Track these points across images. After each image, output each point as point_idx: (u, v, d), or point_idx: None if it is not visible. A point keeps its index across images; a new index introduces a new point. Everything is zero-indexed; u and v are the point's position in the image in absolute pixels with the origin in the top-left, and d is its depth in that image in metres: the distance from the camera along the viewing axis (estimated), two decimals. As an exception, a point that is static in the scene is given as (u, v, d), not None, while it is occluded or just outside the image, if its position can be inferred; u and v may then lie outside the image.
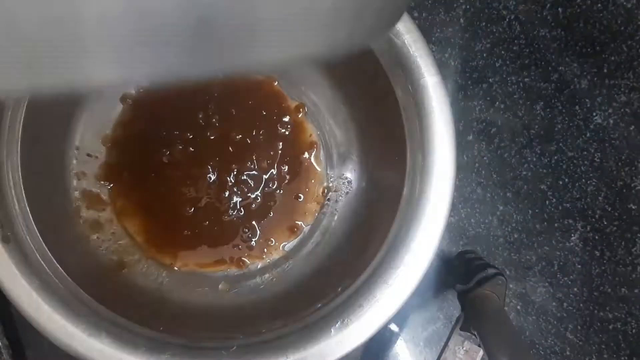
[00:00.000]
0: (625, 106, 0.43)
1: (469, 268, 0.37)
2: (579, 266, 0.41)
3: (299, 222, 0.37)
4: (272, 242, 0.37)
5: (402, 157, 0.31)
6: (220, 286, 0.36)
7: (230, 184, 0.36)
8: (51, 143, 0.34)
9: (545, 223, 0.42)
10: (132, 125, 0.37)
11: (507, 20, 0.43)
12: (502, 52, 0.43)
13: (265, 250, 0.37)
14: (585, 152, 0.42)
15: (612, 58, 0.43)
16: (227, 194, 0.36)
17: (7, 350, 0.35)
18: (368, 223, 0.35)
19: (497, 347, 0.31)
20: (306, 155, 0.38)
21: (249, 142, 0.37)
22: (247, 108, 0.38)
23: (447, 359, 0.35)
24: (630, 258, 0.42)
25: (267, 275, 0.36)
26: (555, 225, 0.42)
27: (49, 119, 0.33)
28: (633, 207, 0.42)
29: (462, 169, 0.42)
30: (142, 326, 0.27)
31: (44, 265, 0.27)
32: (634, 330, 0.41)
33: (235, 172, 0.36)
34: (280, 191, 0.37)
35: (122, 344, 0.25)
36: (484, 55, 0.43)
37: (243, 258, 0.36)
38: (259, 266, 0.37)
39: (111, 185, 0.36)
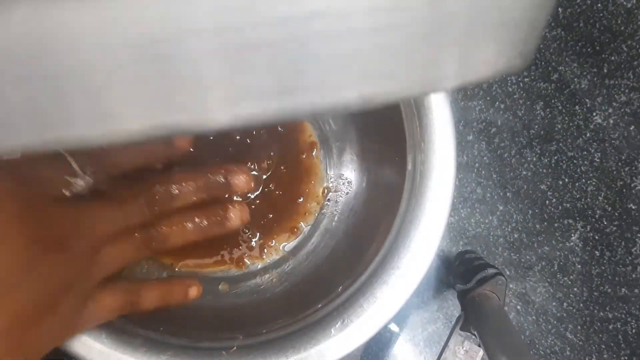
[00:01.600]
0: (625, 106, 0.43)
1: (469, 268, 0.37)
2: (579, 266, 0.41)
3: (299, 223, 0.37)
4: (272, 242, 0.37)
5: (402, 157, 0.31)
6: (220, 286, 0.36)
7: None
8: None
9: (545, 223, 0.42)
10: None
11: (507, 20, 0.43)
12: (502, 52, 0.43)
13: (266, 250, 0.37)
14: (585, 152, 0.42)
15: (612, 58, 0.43)
16: (227, 194, 0.36)
17: (7, 351, 0.35)
18: (368, 223, 0.35)
19: (497, 347, 0.31)
20: (306, 155, 0.38)
21: (249, 142, 0.37)
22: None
23: (447, 359, 0.35)
24: (630, 258, 0.42)
25: (267, 276, 0.36)
26: (555, 225, 0.42)
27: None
28: (633, 207, 0.42)
29: (462, 169, 0.42)
30: (142, 326, 0.27)
31: (44, 265, 0.27)
32: (634, 330, 0.41)
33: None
34: (280, 192, 0.37)
35: (122, 344, 0.25)
36: (484, 55, 0.43)
37: (243, 258, 0.36)
38: (259, 266, 0.37)
39: (111, 185, 0.36)
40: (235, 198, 0.36)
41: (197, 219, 0.26)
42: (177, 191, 0.24)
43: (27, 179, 0.20)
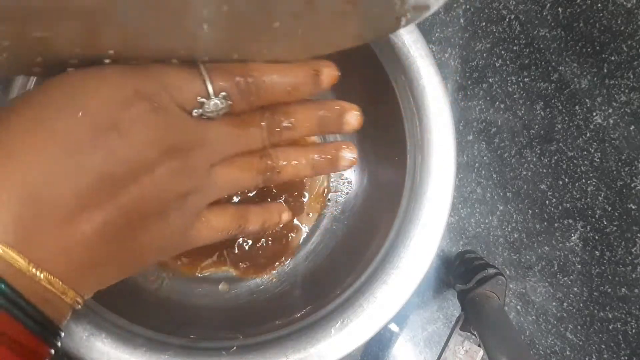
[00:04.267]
0: (625, 106, 0.43)
1: (469, 268, 0.37)
2: (579, 266, 0.41)
3: (299, 223, 0.37)
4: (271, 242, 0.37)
5: (402, 157, 0.31)
6: (220, 286, 0.36)
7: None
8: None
9: (545, 223, 0.42)
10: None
11: (507, 20, 0.43)
12: (502, 52, 0.43)
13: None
14: (585, 152, 0.42)
15: (612, 58, 0.43)
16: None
17: (7, 351, 0.35)
18: (368, 223, 0.35)
19: (497, 347, 0.31)
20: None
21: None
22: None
23: (447, 359, 0.35)
24: (630, 258, 0.42)
25: (266, 276, 0.36)
26: (555, 225, 0.42)
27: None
28: (633, 207, 0.42)
29: (462, 169, 0.42)
30: (142, 326, 0.27)
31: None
32: (634, 330, 0.41)
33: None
34: (280, 192, 0.37)
35: (122, 344, 0.25)
36: (484, 55, 0.43)
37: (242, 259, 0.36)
38: (259, 266, 0.37)
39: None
40: (235, 199, 0.36)
41: (310, 155, 0.25)
42: (296, 121, 0.23)
43: (156, 83, 0.19)
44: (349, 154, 0.25)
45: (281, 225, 0.27)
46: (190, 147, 0.20)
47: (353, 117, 0.25)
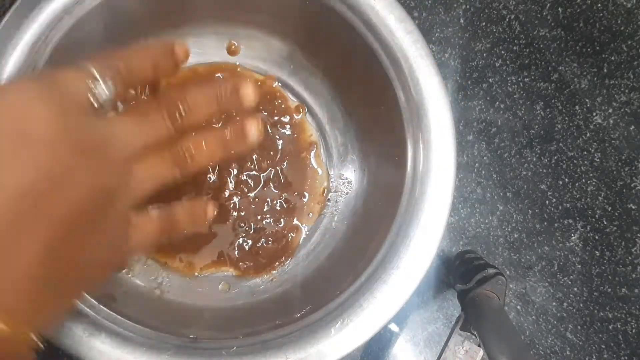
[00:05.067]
0: (625, 106, 0.43)
1: (469, 268, 0.37)
2: (579, 266, 0.41)
3: (299, 223, 0.37)
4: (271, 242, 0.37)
5: (402, 157, 0.31)
6: (220, 286, 0.36)
7: (230, 184, 0.36)
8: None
9: (545, 223, 0.42)
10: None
11: (507, 20, 0.43)
12: (502, 52, 0.43)
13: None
14: (585, 152, 0.42)
15: (612, 58, 0.43)
16: (227, 194, 0.36)
17: (7, 351, 0.35)
18: (368, 223, 0.35)
19: (497, 347, 0.31)
20: (306, 155, 0.38)
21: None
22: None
23: (447, 359, 0.35)
24: (630, 258, 0.42)
25: (266, 276, 0.36)
26: (555, 225, 0.42)
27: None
28: (633, 207, 0.42)
29: (462, 169, 0.42)
30: (142, 326, 0.27)
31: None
32: (634, 330, 0.41)
33: (235, 172, 0.36)
34: (279, 191, 0.37)
35: (122, 344, 0.25)
36: (484, 55, 0.43)
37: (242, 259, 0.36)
38: (259, 266, 0.37)
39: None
40: (234, 198, 0.36)
41: (218, 134, 0.25)
42: (191, 102, 0.24)
43: (53, 84, 0.19)
44: (253, 126, 0.25)
45: (208, 221, 0.28)
46: (101, 143, 0.20)
47: (248, 89, 0.24)
